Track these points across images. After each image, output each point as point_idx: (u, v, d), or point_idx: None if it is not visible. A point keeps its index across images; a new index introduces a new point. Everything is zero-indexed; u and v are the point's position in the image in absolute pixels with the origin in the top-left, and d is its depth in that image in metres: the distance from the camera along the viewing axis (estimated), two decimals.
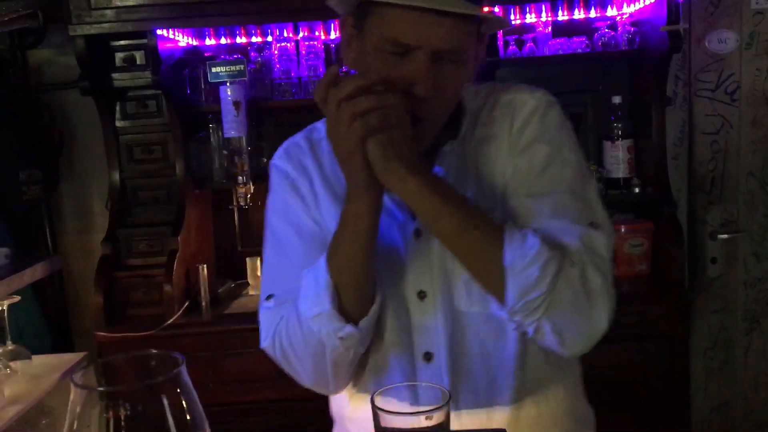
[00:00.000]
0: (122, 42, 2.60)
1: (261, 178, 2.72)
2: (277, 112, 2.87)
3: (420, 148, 1.06)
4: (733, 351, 2.93)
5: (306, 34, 2.79)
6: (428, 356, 1.15)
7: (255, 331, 2.38)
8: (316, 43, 2.78)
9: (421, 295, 1.15)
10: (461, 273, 1.11)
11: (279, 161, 1.28)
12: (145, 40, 2.52)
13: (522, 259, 0.99)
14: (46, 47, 2.85)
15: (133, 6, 2.45)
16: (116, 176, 2.67)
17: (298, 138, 1.30)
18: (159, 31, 2.51)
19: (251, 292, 2.71)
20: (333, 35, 2.78)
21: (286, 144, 1.31)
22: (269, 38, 2.81)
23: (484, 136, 1.17)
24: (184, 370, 0.70)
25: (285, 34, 2.79)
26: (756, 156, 2.84)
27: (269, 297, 1.20)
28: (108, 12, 2.45)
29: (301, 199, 1.22)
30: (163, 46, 2.55)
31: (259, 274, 2.75)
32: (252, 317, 2.45)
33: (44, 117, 2.83)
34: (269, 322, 1.18)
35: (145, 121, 2.69)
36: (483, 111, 1.18)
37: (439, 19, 1.00)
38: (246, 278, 2.78)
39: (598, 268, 1.03)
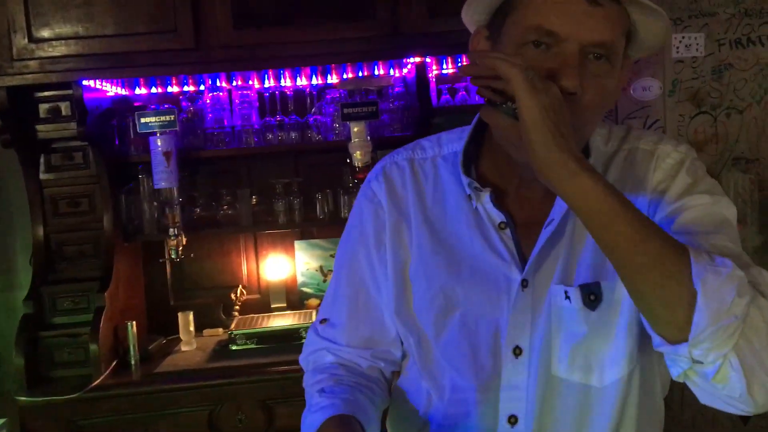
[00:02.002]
0: (46, 93, 2.52)
1: (194, 229, 2.66)
2: (210, 161, 2.82)
3: None
4: (671, 390, 2.95)
5: (240, 83, 2.76)
6: (513, 419, 1.05)
7: (187, 390, 2.35)
8: (249, 92, 2.76)
9: (517, 351, 1.04)
10: (568, 335, 1.03)
11: (374, 182, 1.17)
12: (70, 91, 2.45)
13: (715, 276, 0.83)
14: None
15: (57, 57, 2.39)
16: (40, 231, 2.57)
17: (400, 157, 1.18)
18: (86, 81, 2.45)
19: (183, 348, 2.62)
20: (267, 84, 2.77)
21: (385, 161, 1.19)
22: (202, 87, 2.78)
23: (618, 182, 1.04)
24: None
25: (218, 83, 2.76)
26: None
27: (324, 321, 1.20)
28: (31, 63, 2.38)
29: (376, 233, 1.15)
30: (90, 96, 2.48)
31: (191, 329, 2.67)
32: (184, 376, 2.40)
33: None
34: (312, 344, 1.20)
35: (71, 173, 2.60)
36: (617, 157, 1.08)
37: (590, 8, 0.92)
38: (178, 333, 2.68)
39: None
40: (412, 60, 2.66)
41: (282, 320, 2.71)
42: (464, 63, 0.99)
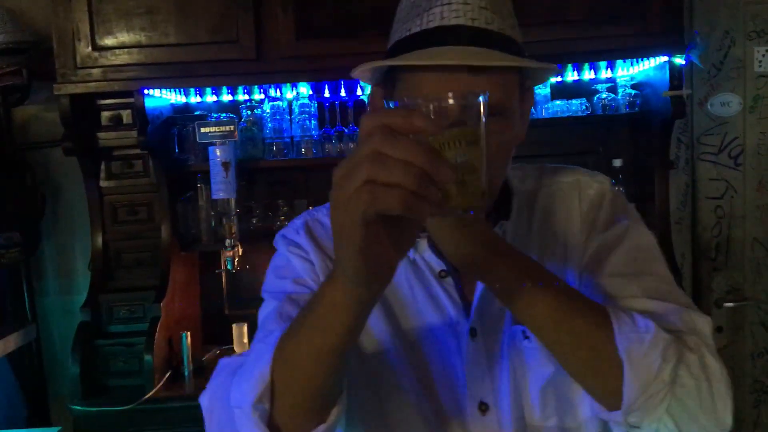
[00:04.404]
0: (108, 101, 2.53)
1: (250, 239, 2.63)
2: (268, 171, 2.79)
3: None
4: (741, 425, 2.80)
5: (300, 92, 2.72)
6: None
7: None
8: (309, 102, 2.71)
9: (483, 408, 0.97)
10: (535, 377, 0.97)
11: (295, 235, 1.06)
12: (132, 99, 2.44)
13: (639, 344, 0.83)
14: (32, 103, 2.78)
15: (120, 65, 2.38)
16: (99, 238, 2.58)
17: (321, 214, 1.09)
18: (147, 90, 2.44)
19: None
20: (327, 93, 2.71)
21: (304, 217, 1.09)
22: (262, 96, 2.74)
23: (547, 219, 1.05)
24: None
25: (278, 93, 2.72)
26: (762, 222, 2.76)
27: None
28: (94, 71, 2.38)
29: (310, 264, 1.02)
30: (151, 103, 2.48)
31: (245, 341, 2.63)
32: None
33: (27, 178, 2.74)
34: (231, 361, 0.99)
35: (130, 181, 2.61)
36: (539, 194, 1.07)
37: (472, 76, 0.87)
38: (232, 344, 2.66)
39: (713, 354, 0.88)
40: None
41: None
42: None
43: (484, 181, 0.72)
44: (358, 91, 2.71)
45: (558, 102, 2.66)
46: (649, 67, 2.54)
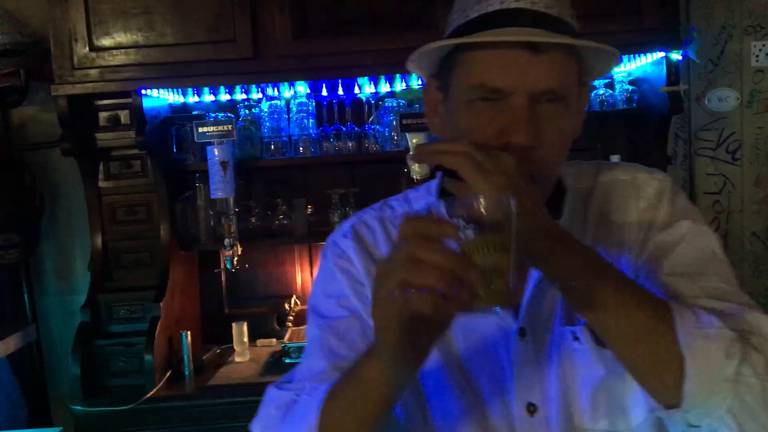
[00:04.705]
0: (106, 101, 2.52)
1: (249, 239, 2.63)
2: (266, 170, 2.79)
3: None
4: None
5: (298, 91, 2.72)
6: None
7: (241, 405, 2.30)
8: (307, 100, 2.72)
9: (531, 408, 0.97)
10: (585, 380, 0.96)
11: (342, 240, 1.08)
12: (129, 100, 2.44)
13: (703, 340, 0.81)
14: (29, 104, 2.78)
15: (117, 66, 2.38)
16: (98, 239, 2.58)
17: (368, 216, 1.10)
18: (145, 90, 2.44)
19: (237, 359, 2.60)
20: (325, 92, 2.72)
21: (353, 220, 1.11)
22: (259, 95, 2.75)
23: (603, 217, 1.02)
24: None
25: (275, 92, 2.72)
26: (760, 216, 2.76)
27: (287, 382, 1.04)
28: (92, 72, 2.39)
29: (354, 280, 1.05)
30: (148, 103, 2.48)
31: (245, 339, 2.64)
32: (238, 390, 2.37)
33: (26, 179, 2.74)
34: (279, 396, 1.01)
35: (129, 181, 2.61)
36: (595, 191, 1.04)
37: (532, 57, 0.87)
38: (232, 342, 2.66)
39: None
40: None
41: None
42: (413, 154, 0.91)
43: (511, 284, 0.76)
44: (356, 90, 2.71)
45: None
46: (646, 63, 2.54)
